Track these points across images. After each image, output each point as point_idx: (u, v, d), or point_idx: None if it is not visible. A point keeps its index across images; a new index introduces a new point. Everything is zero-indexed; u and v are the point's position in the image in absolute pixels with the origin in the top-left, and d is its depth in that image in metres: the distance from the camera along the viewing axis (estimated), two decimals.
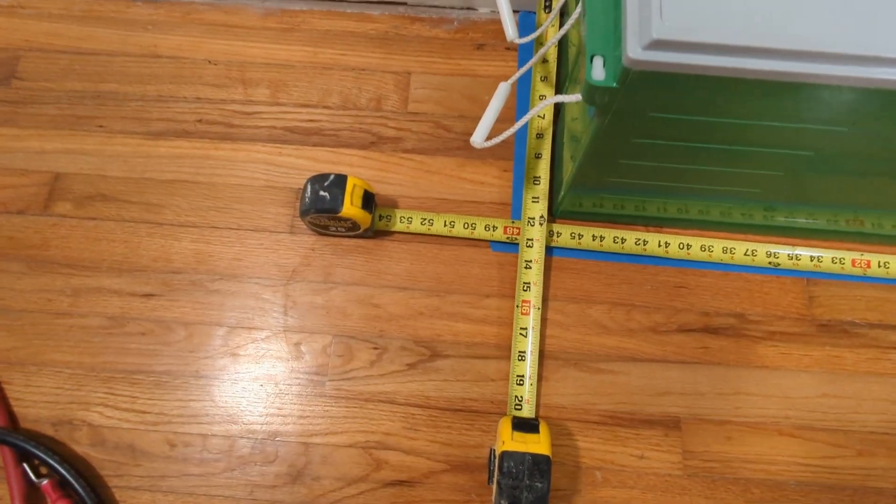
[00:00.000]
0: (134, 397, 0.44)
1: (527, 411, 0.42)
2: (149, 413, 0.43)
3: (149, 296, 0.46)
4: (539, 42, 0.50)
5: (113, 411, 0.44)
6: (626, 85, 0.28)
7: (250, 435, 0.43)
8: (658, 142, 0.34)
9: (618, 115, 0.31)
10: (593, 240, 0.47)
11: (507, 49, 0.54)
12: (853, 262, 0.46)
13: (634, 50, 0.27)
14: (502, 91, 0.40)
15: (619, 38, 0.28)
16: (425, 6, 0.55)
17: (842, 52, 0.25)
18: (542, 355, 0.44)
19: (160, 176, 0.50)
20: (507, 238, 0.47)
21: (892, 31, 0.26)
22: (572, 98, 0.32)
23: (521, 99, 0.52)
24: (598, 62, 0.29)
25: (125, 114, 0.52)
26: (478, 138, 0.37)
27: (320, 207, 0.43)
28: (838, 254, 0.47)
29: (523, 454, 0.36)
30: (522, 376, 0.43)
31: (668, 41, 0.26)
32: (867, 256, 0.47)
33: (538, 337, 0.43)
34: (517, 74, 0.41)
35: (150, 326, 0.46)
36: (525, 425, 0.38)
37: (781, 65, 0.25)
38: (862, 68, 0.25)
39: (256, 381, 0.44)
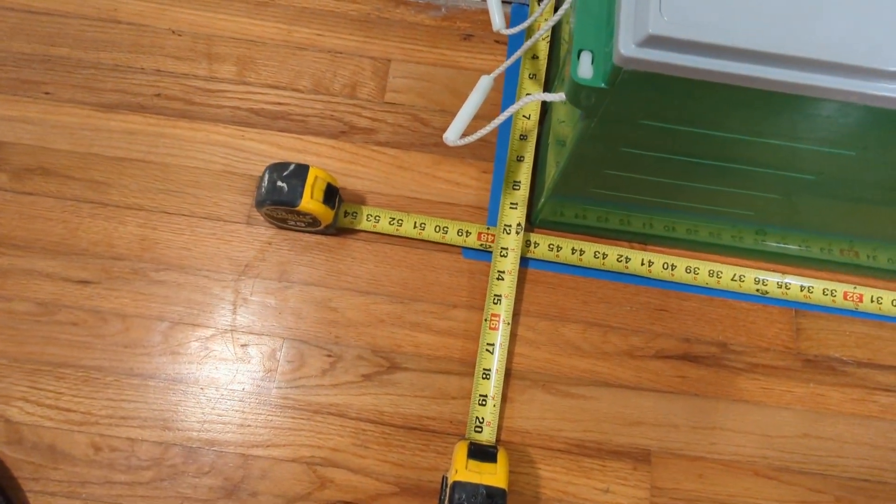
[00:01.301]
0: (59, 393, 0.40)
1: (487, 434, 0.39)
2: (74, 412, 0.39)
3: (85, 282, 0.42)
4: (530, 35, 0.47)
5: (35, 407, 0.40)
6: (616, 86, 0.25)
7: (184, 442, 0.39)
8: (648, 153, 0.31)
9: (605, 120, 0.28)
10: (572, 253, 0.44)
11: (497, 42, 0.51)
12: (845, 294, 0.44)
13: (627, 46, 0.23)
14: (483, 84, 0.37)
15: (611, 33, 0.25)
16: None
17: (862, 64, 0.22)
18: (508, 374, 0.41)
19: (109, 152, 0.46)
20: (481, 245, 0.44)
21: None
22: (556, 97, 0.28)
23: (507, 97, 0.49)
24: (585, 58, 0.25)
25: (76, 82, 0.47)
26: (451, 135, 0.34)
27: (277, 199, 0.39)
28: (830, 285, 0.44)
29: (477, 486, 0.33)
30: (486, 396, 0.39)
31: (666, 38, 0.22)
32: (860, 290, 0.44)
33: (505, 354, 0.40)
34: (502, 66, 0.37)
35: (83, 316, 0.41)
36: (482, 453, 0.35)
37: (794, 75, 0.22)
38: (882, 84, 0.22)
39: (196, 384, 0.41)
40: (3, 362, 0.40)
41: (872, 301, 0.44)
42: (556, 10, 0.40)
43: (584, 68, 0.25)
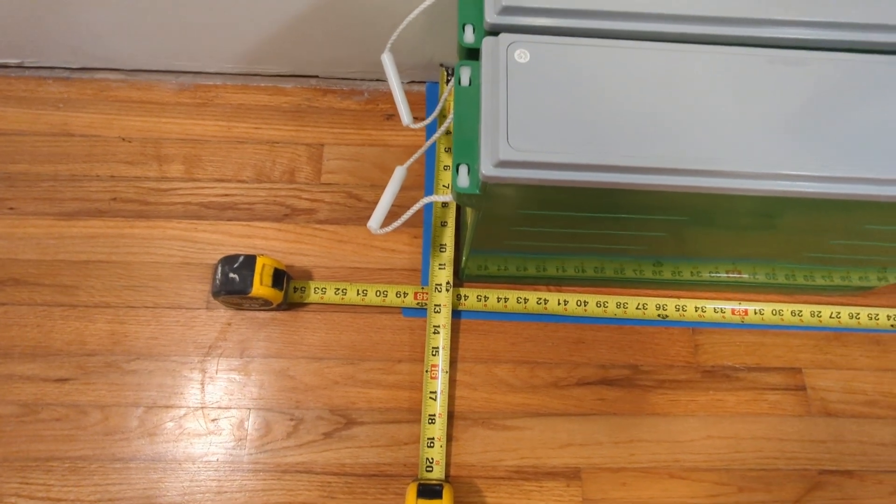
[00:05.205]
0: (49, 485, 0.44)
1: (437, 472, 0.44)
2: (64, 500, 0.44)
3: (63, 380, 0.47)
4: (442, 114, 0.53)
5: (27, 501, 0.44)
6: (486, 193, 0.31)
7: None
8: (532, 229, 0.38)
9: (489, 212, 0.34)
10: (498, 301, 0.50)
11: (415, 118, 0.57)
12: (732, 311, 0.51)
13: (487, 167, 0.30)
14: (399, 175, 0.43)
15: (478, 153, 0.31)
16: (336, 78, 0.58)
17: (641, 165, 0.29)
18: (451, 416, 0.47)
19: (74, 257, 0.50)
20: (418, 304, 0.50)
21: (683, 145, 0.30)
22: (446, 198, 0.35)
23: (429, 167, 0.55)
24: (463, 171, 0.32)
25: (36, 195, 0.52)
26: (374, 224, 0.40)
27: (230, 289, 0.44)
28: (719, 304, 0.51)
29: None
30: (433, 438, 0.45)
31: (514, 161, 0.29)
32: (744, 305, 0.51)
33: (446, 399, 0.46)
34: (412, 158, 0.44)
35: (64, 412, 0.46)
36: (429, 492, 0.41)
37: (603, 176, 0.29)
38: (660, 177, 0.30)
39: (174, 460, 0.45)
40: None
41: (756, 314, 0.51)
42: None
43: (462, 179, 0.32)
